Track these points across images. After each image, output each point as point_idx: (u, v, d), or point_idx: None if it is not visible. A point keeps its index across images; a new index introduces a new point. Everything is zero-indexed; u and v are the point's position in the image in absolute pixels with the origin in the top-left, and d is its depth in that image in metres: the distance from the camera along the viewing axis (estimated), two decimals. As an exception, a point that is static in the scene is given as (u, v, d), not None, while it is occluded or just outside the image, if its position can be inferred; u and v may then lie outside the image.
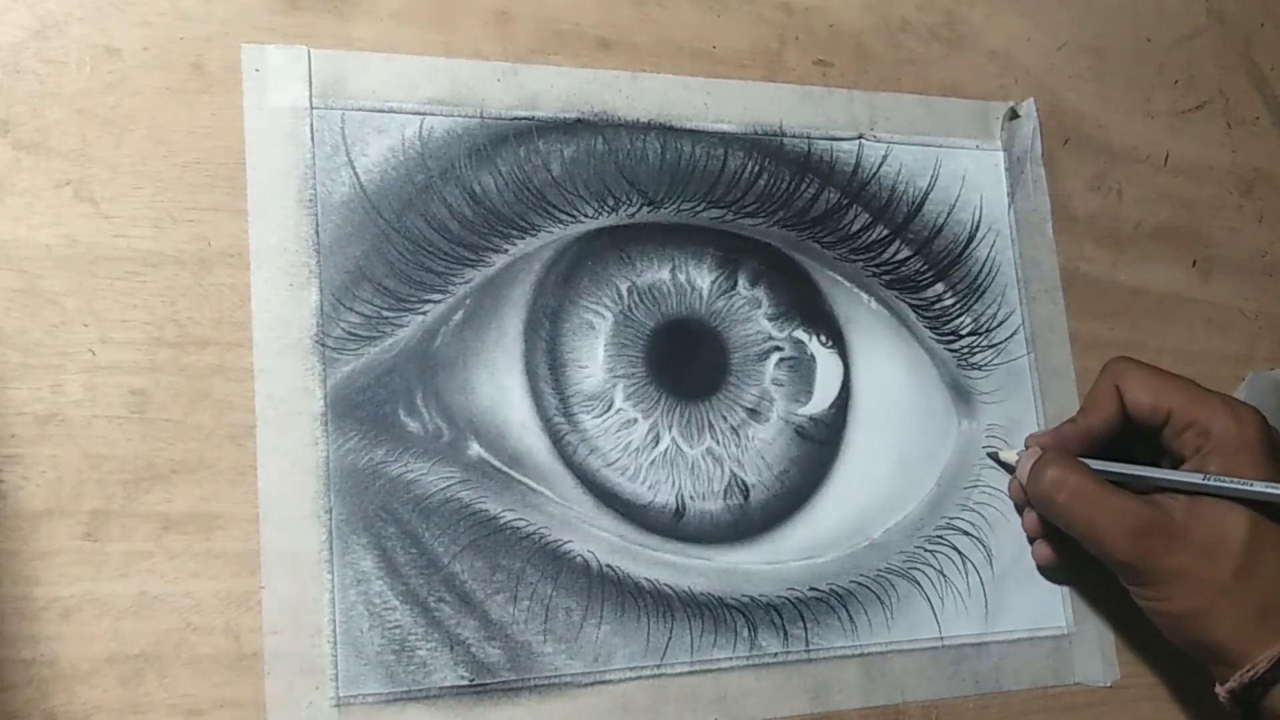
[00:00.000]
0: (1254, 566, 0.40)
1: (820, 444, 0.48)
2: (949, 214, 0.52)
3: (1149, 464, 0.46)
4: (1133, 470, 0.44)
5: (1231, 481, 0.41)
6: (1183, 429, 0.43)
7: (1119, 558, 0.43)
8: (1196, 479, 0.42)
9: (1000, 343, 0.51)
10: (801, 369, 0.48)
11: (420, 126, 0.44)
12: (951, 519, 0.49)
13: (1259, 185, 0.60)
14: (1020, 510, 0.49)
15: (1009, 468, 0.49)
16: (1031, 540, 0.48)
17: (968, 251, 0.52)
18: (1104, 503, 0.42)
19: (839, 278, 0.50)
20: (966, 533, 0.49)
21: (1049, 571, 0.49)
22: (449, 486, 0.42)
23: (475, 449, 0.43)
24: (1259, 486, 0.40)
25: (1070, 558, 0.48)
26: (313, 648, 0.40)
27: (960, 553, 0.48)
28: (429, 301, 0.43)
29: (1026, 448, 0.49)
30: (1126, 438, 0.47)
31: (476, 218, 0.44)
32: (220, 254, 0.41)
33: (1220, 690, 0.42)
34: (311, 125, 0.43)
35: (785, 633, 0.45)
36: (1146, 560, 0.42)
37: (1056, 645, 0.49)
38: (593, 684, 0.42)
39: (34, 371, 0.39)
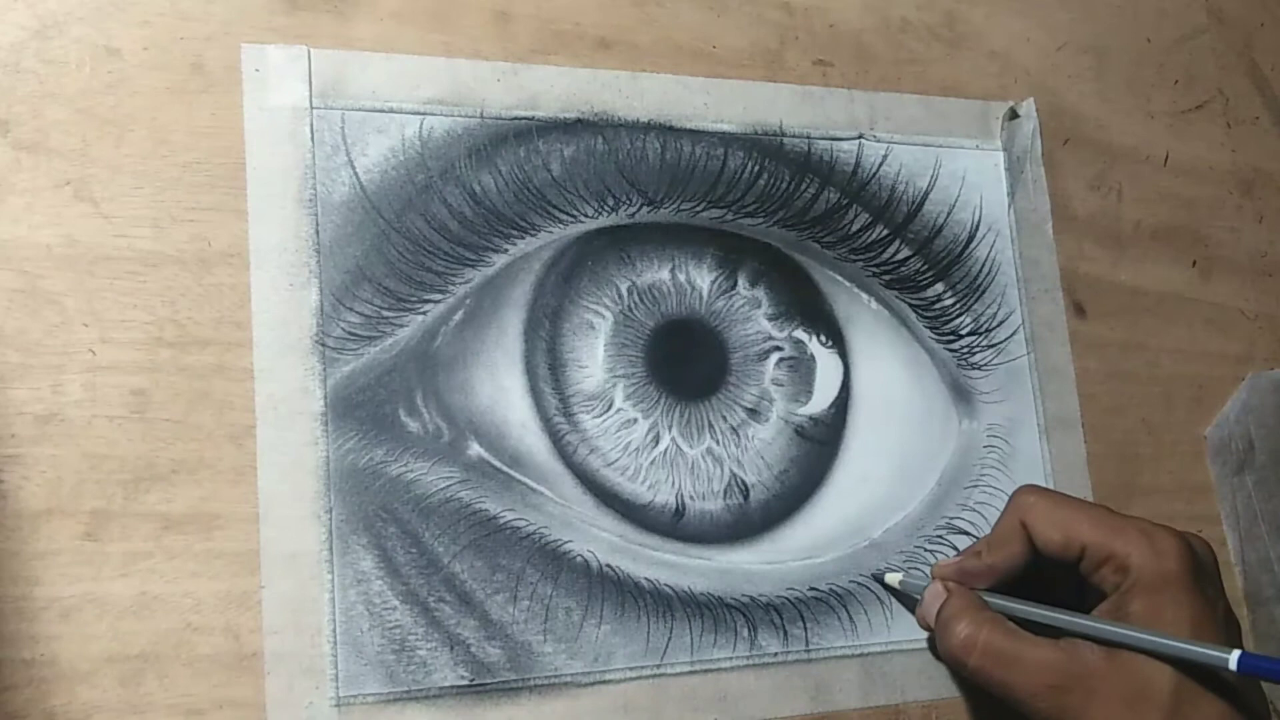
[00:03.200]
0: (1182, 718, 0.37)
1: (820, 444, 0.48)
2: (949, 214, 0.52)
3: (1066, 599, 0.42)
4: (1045, 613, 0.40)
5: (1149, 635, 0.37)
6: (1099, 564, 0.40)
7: (1037, 716, 0.39)
8: (1112, 629, 0.38)
9: (1000, 343, 0.51)
10: (801, 369, 0.48)
11: (420, 126, 0.44)
12: (952, 519, 0.49)
13: (1259, 185, 0.60)
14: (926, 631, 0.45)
15: (903, 595, 0.46)
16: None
17: (968, 251, 0.52)
18: (1018, 659, 0.39)
19: (839, 278, 0.50)
20: (967, 533, 0.49)
21: None
22: (449, 486, 0.42)
23: (475, 449, 0.43)
24: (1177, 644, 0.36)
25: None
26: (313, 648, 0.40)
27: (960, 554, 0.48)
28: (429, 301, 0.43)
29: (931, 578, 0.45)
30: (1043, 567, 0.43)
31: (476, 218, 0.44)
32: (220, 254, 0.41)
33: None
34: (311, 125, 0.43)
35: (785, 633, 0.45)
36: (1066, 717, 0.38)
37: (1056, 645, 0.49)
38: (593, 684, 0.42)
39: (34, 371, 0.39)
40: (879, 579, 0.46)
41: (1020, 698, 0.39)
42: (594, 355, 0.45)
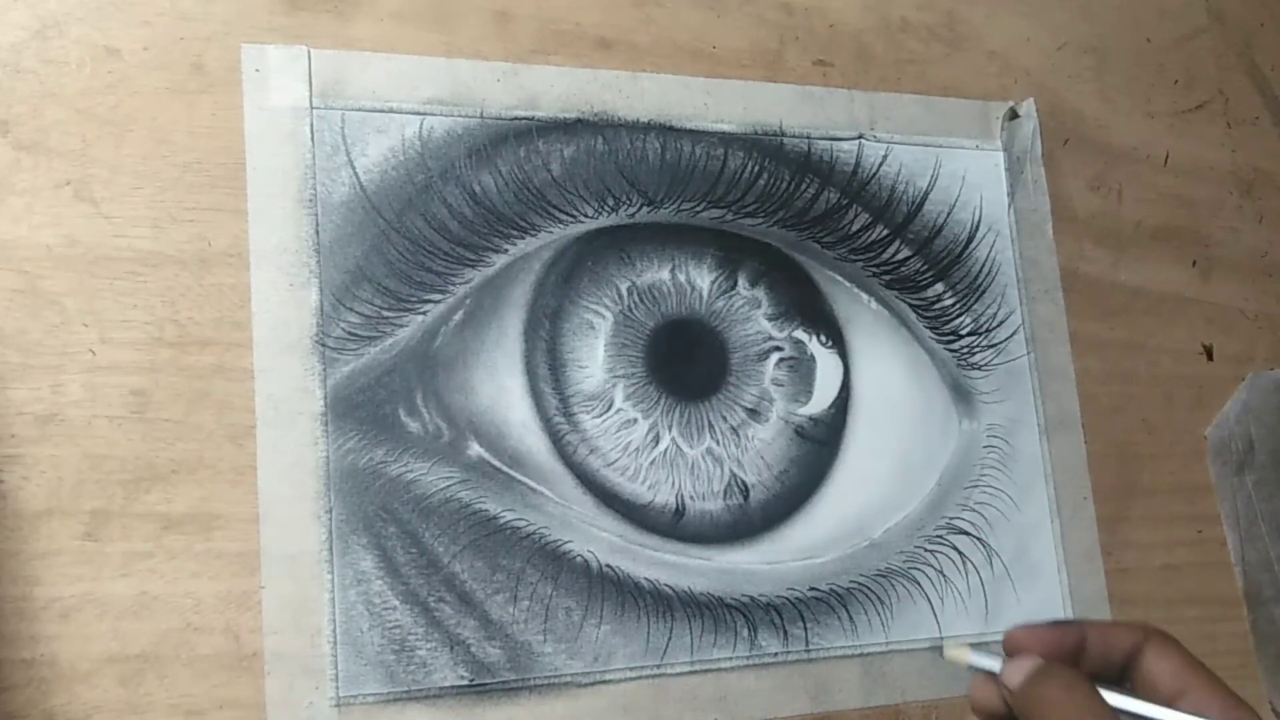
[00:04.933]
0: None
1: (820, 444, 0.48)
2: (949, 214, 0.52)
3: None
4: (1150, 710, 0.35)
5: None
6: (1197, 712, 0.35)
7: None
8: None
9: (1000, 343, 0.51)
10: (801, 369, 0.48)
11: (420, 126, 0.44)
12: (952, 519, 0.49)
13: (1259, 185, 0.60)
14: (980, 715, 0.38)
15: (979, 668, 0.37)
16: None
17: (968, 251, 0.52)
18: None
19: (839, 278, 0.50)
20: (966, 533, 0.49)
21: None
22: (449, 486, 0.42)
23: (475, 449, 0.43)
24: None
25: None
26: (313, 648, 0.40)
27: (960, 553, 0.48)
28: (429, 301, 0.43)
29: (1006, 650, 0.37)
30: None
31: (476, 218, 0.44)
32: (220, 254, 0.41)
33: None
34: (311, 125, 0.43)
35: (785, 633, 0.45)
36: None
37: (1056, 645, 0.49)
38: (593, 684, 0.42)
39: (34, 371, 0.39)
40: (938, 650, 0.41)
41: None
42: (594, 355, 0.45)
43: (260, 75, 0.43)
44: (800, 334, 0.49)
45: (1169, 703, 0.35)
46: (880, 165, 0.51)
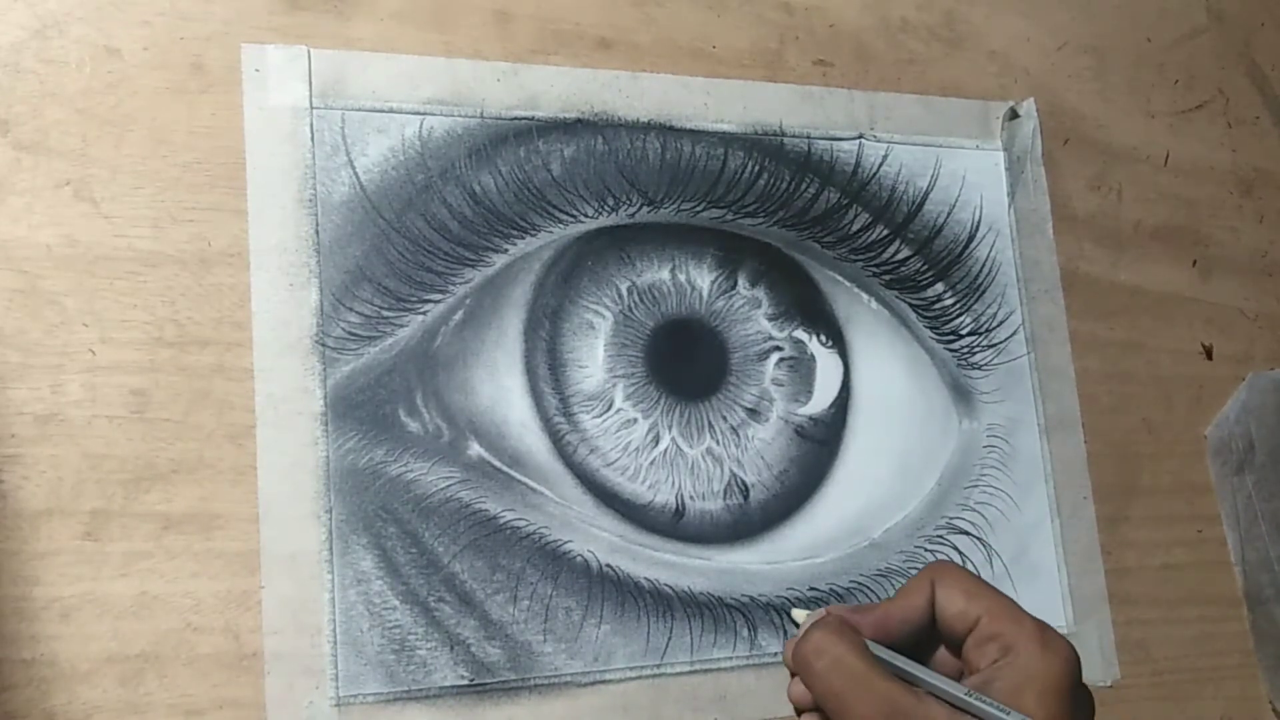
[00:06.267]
0: None
1: (820, 444, 0.48)
2: (949, 214, 0.52)
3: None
4: (910, 666, 0.39)
5: (990, 705, 0.36)
6: (986, 639, 0.39)
7: None
8: (960, 693, 0.37)
9: (1000, 342, 0.51)
10: (801, 369, 0.48)
11: (420, 126, 0.44)
12: (952, 519, 0.49)
13: (1259, 185, 0.60)
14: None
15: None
16: (799, 714, 0.41)
17: (968, 251, 0.52)
18: (863, 681, 0.37)
19: (839, 278, 0.50)
20: (966, 533, 0.49)
21: None
22: (449, 486, 0.42)
23: (475, 449, 0.43)
24: (1013, 718, 0.36)
25: None
26: (313, 648, 0.40)
27: (960, 553, 0.48)
28: (429, 301, 0.43)
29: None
30: (929, 649, 0.41)
31: (476, 218, 0.44)
32: (220, 254, 0.41)
33: None
34: (311, 125, 0.43)
35: (785, 633, 0.45)
36: None
37: (1056, 645, 0.49)
38: (593, 684, 0.42)
39: (34, 371, 0.39)
40: (787, 613, 0.44)
41: (849, 717, 0.37)
42: (594, 355, 0.45)
43: (260, 75, 0.43)
44: (800, 334, 0.49)
45: (965, 634, 0.38)
46: (880, 165, 0.51)
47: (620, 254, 0.47)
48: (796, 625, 0.40)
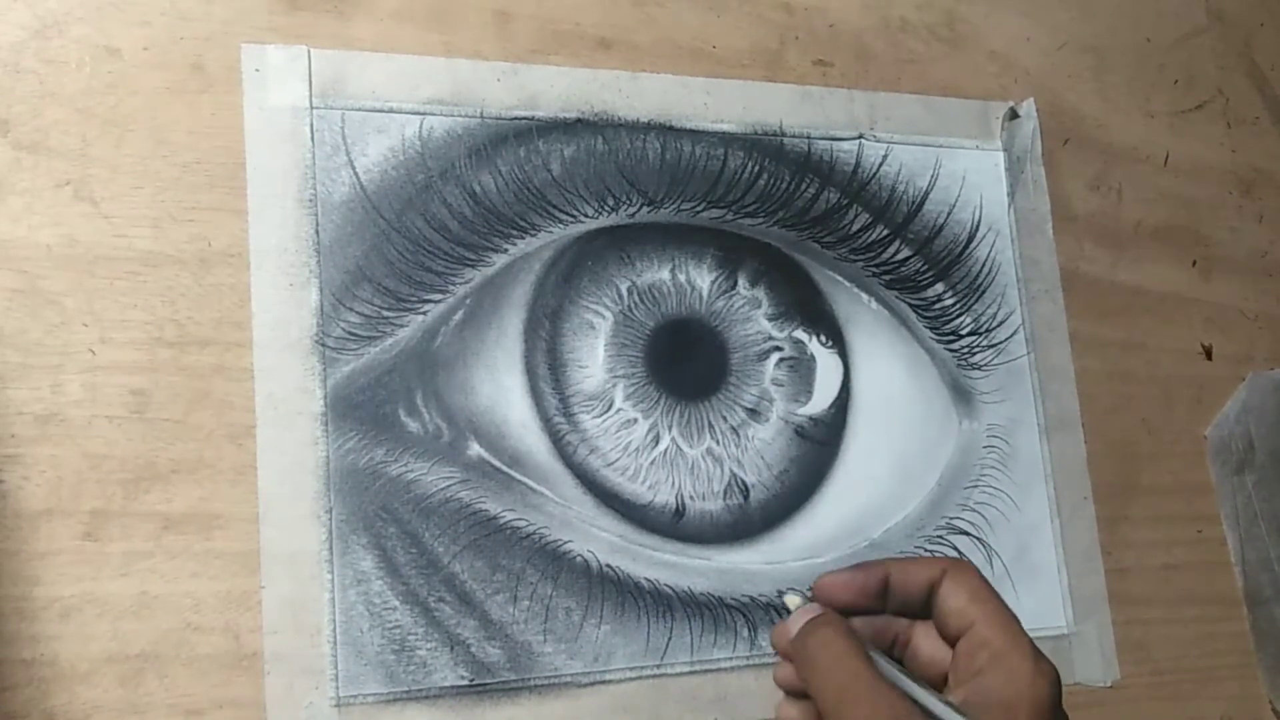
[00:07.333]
0: None
1: (820, 444, 0.48)
2: (949, 214, 0.52)
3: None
4: (910, 681, 0.38)
5: None
6: (979, 645, 0.39)
7: None
8: (956, 717, 0.37)
9: (1000, 343, 0.51)
10: (801, 369, 0.48)
11: (420, 126, 0.44)
12: (952, 519, 0.49)
13: (1259, 185, 0.60)
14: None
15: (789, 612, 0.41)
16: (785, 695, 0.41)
17: (968, 251, 0.52)
18: (865, 680, 0.37)
19: (839, 278, 0.50)
20: (966, 533, 0.49)
21: None
22: (449, 486, 0.42)
23: (475, 449, 0.43)
24: None
25: None
26: (313, 648, 0.40)
27: (960, 553, 0.48)
28: (429, 301, 0.43)
29: (812, 593, 0.41)
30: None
31: (476, 218, 0.44)
32: (220, 254, 0.41)
33: None
34: (311, 125, 0.43)
35: (785, 633, 0.45)
36: None
37: (1056, 645, 0.49)
38: (593, 684, 0.42)
39: (34, 371, 0.39)
40: (781, 597, 0.44)
41: (847, 714, 0.37)
42: (594, 355, 0.46)
43: (260, 75, 0.43)
44: (800, 334, 0.49)
45: (960, 634, 0.38)
46: (880, 165, 0.51)
47: (620, 254, 0.47)
48: (789, 610, 0.40)
